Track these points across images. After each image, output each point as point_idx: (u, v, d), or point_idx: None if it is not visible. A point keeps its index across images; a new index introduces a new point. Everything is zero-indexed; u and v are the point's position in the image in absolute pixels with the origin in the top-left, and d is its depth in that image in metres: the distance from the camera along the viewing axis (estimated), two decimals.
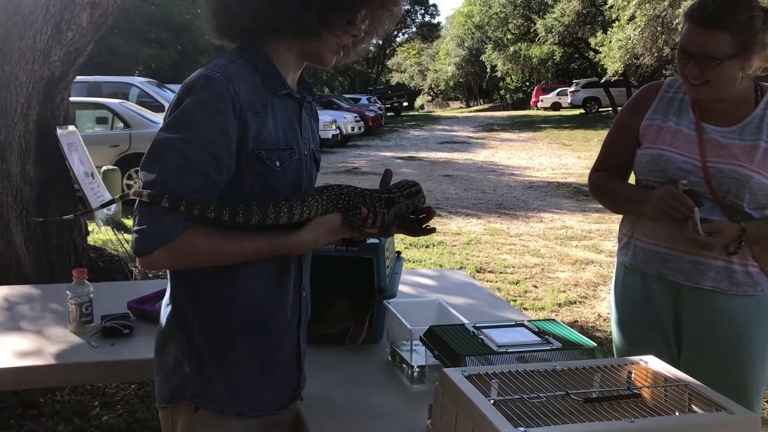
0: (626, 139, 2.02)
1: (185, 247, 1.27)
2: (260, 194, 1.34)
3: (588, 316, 5.01)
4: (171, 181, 1.25)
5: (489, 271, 6.17)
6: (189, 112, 1.27)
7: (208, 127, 1.27)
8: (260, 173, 1.34)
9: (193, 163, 1.26)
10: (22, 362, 1.96)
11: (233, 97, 1.29)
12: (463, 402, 1.24)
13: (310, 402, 1.67)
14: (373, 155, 17.60)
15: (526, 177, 12.95)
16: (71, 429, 3.18)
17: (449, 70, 47.88)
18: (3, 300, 2.49)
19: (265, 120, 1.35)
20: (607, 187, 2.07)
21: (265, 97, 1.36)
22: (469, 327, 1.61)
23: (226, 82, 1.29)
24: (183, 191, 1.25)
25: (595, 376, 1.37)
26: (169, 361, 1.40)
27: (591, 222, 8.49)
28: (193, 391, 1.38)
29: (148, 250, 1.25)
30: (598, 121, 26.67)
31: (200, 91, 1.28)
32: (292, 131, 1.42)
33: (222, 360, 1.38)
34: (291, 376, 1.51)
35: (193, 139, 1.26)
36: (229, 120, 1.28)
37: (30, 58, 3.73)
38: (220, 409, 1.38)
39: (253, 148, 1.32)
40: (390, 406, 1.67)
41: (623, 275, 2.05)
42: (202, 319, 1.38)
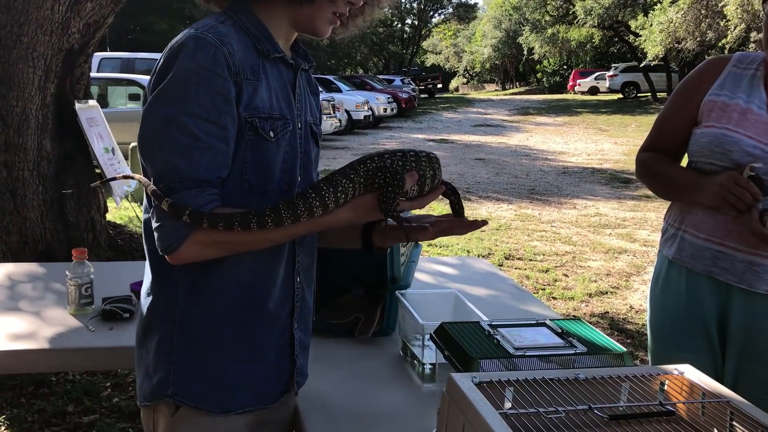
0: (683, 116, 1.82)
1: (211, 234, 1.15)
2: (253, 168, 1.22)
3: (619, 307, 4.82)
4: (181, 164, 1.13)
5: (518, 258, 5.99)
6: (183, 80, 1.14)
7: (208, 95, 1.14)
8: (253, 143, 1.21)
9: (200, 138, 1.14)
10: (16, 345, 1.88)
11: (227, 58, 1.16)
12: (471, 413, 1.09)
13: (310, 399, 1.54)
14: (404, 137, 17.43)
15: (561, 162, 12.68)
16: (81, 410, 3.12)
17: (485, 52, 47.23)
18: (5, 278, 2.41)
19: (257, 86, 1.22)
20: (658, 169, 1.87)
21: (257, 61, 1.23)
22: (485, 325, 1.47)
23: (219, 42, 1.16)
24: (195, 173, 1.13)
25: (623, 386, 1.21)
26: (150, 356, 1.28)
27: (626, 210, 8.24)
28: (174, 388, 1.25)
29: (174, 247, 1.14)
30: (636, 107, 26.09)
31: (192, 55, 1.14)
32: (286, 101, 1.28)
33: (206, 353, 1.26)
34: (282, 367, 1.37)
35: (194, 111, 1.13)
36: (228, 84, 1.16)
37: (48, 30, 3.64)
38: (205, 406, 1.26)
39: (246, 115, 1.19)
40: (397, 407, 1.54)
41: (666, 270, 1.87)
42: (184, 309, 1.25)
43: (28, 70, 3.63)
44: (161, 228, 1.15)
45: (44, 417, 3.05)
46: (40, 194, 3.74)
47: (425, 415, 1.48)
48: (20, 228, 3.67)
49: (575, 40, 35.97)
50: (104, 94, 10.02)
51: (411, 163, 1.26)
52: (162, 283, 1.27)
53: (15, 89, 3.61)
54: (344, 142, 16.08)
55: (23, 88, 3.62)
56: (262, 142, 1.21)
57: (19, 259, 3.65)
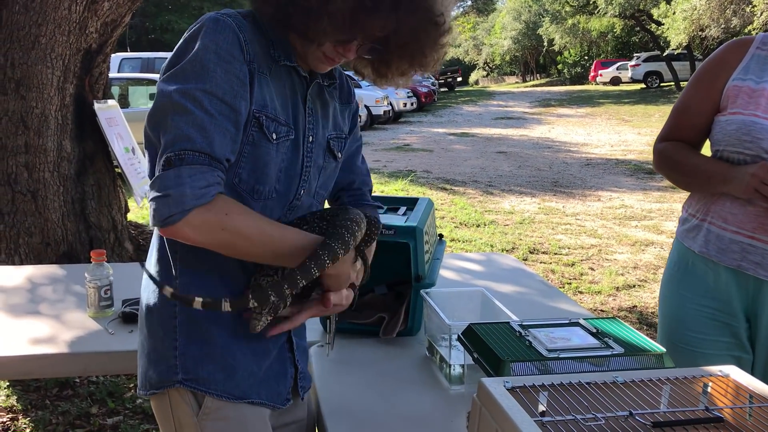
0: (704, 102, 1.73)
1: (217, 214, 1.09)
2: (248, 163, 1.18)
3: (648, 300, 4.72)
4: (195, 136, 1.08)
5: (543, 252, 5.90)
6: (201, 59, 1.11)
7: (226, 76, 1.12)
8: (254, 139, 1.17)
9: (215, 116, 1.10)
10: (37, 350, 1.85)
11: (243, 46, 1.15)
12: (504, 420, 1.03)
13: (333, 400, 1.50)
14: (425, 131, 17.34)
15: (584, 154, 12.52)
16: (104, 411, 3.10)
17: (505, 44, 46.92)
18: (26, 280, 2.39)
19: (269, 84, 1.19)
20: (680, 159, 1.77)
21: (270, 63, 1.21)
22: (515, 326, 1.40)
23: (237, 27, 1.15)
24: (209, 147, 1.09)
25: (664, 390, 1.14)
26: (154, 343, 1.25)
27: (652, 201, 8.10)
28: (183, 373, 1.21)
29: (174, 218, 1.06)
30: (659, 96, 25.74)
31: (212, 35, 1.12)
32: (294, 110, 1.25)
33: (209, 336, 1.22)
34: (286, 370, 1.33)
35: (212, 89, 1.10)
36: (245, 69, 1.14)
37: (65, 30, 3.63)
38: (216, 391, 1.22)
39: (255, 109, 1.16)
40: (424, 410, 1.48)
41: (689, 263, 1.77)
42: (183, 290, 1.21)
43: (47, 71, 3.61)
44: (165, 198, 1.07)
45: (68, 419, 3.04)
46: (60, 195, 3.73)
47: (453, 418, 1.43)
48: (42, 229, 3.66)
49: (596, 31, 35.60)
50: (125, 94, 10.06)
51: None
52: (162, 265, 1.24)
53: (34, 90, 3.60)
54: (364, 137, 15.96)
55: (42, 89, 3.61)
56: (263, 140, 1.18)
57: (42, 260, 3.64)
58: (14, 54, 3.57)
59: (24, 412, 3.10)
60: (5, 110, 3.57)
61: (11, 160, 3.59)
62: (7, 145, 3.58)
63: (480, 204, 7.97)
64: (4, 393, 3.27)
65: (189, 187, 1.06)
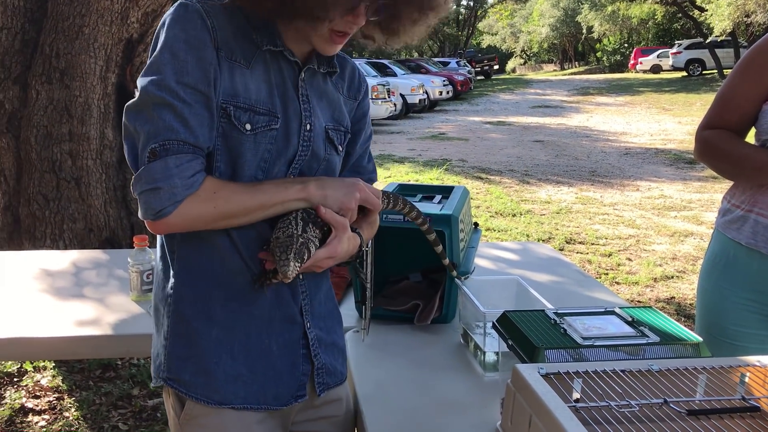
0: (752, 90, 1.68)
1: (207, 199, 1.12)
2: (223, 155, 1.17)
3: (686, 292, 4.66)
4: (177, 126, 1.09)
5: (579, 242, 5.85)
6: (171, 48, 1.11)
7: (198, 63, 1.12)
8: (224, 131, 1.16)
9: (192, 105, 1.11)
10: (82, 331, 1.90)
11: (210, 32, 1.14)
12: (538, 406, 1.04)
13: (368, 386, 1.52)
14: (460, 120, 17.25)
15: (623, 143, 12.35)
16: (145, 393, 3.18)
17: (543, 31, 46.33)
18: (71, 265, 2.46)
19: (245, 74, 1.17)
20: (725, 148, 1.73)
21: (253, 49, 1.19)
22: (550, 313, 1.41)
23: (205, 13, 1.14)
24: (192, 136, 1.10)
25: (700, 379, 1.14)
26: (155, 337, 1.28)
27: (692, 191, 7.96)
28: (168, 372, 1.23)
29: (167, 210, 1.09)
30: (701, 85, 25.20)
31: (180, 22, 1.13)
32: (282, 98, 1.22)
33: (197, 339, 1.21)
34: (294, 370, 1.29)
35: (184, 79, 1.10)
36: (215, 54, 1.14)
37: (108, 20, 3.69)
38: (194, 394, 1.22)
39: (222, 100, 1.15)
40: (458, 396, 1.49)
41: (730, 255, 1.75)
42: (177, 290, 1.23)
43: (90, 61, 3.69)
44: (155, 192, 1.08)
45: (111, 400, 3.12)
46: (103, 182, 3.81)
47: (488, 405, 1.43)
48: (85, 215, 3.75)
49: (636, 17, 34.97)
50: None
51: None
52: (164, 265, 1.26)
53: (78, 80, 3.68)
54: (399, 126, 16.01)
55: (86, 79, 3.69)
56: (234, 131, 1.16)
57: (85, 245, 3.73)
58: (59, 44, 3.65)
59: (69, 392, 3.20)
60: (50, 99, 3.66)
61: (56, 148, 3.68)
62: (52, 133, 3.67)
63: (516, 193, 7.93)
64: (50, 373, 3.37)
65: (178, 178, 1.09)
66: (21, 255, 2.63)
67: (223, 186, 1.14)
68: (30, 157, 3.70)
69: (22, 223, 3.77)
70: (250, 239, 1.22)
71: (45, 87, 3.66)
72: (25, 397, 3.16)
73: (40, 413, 3.03)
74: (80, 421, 2.95)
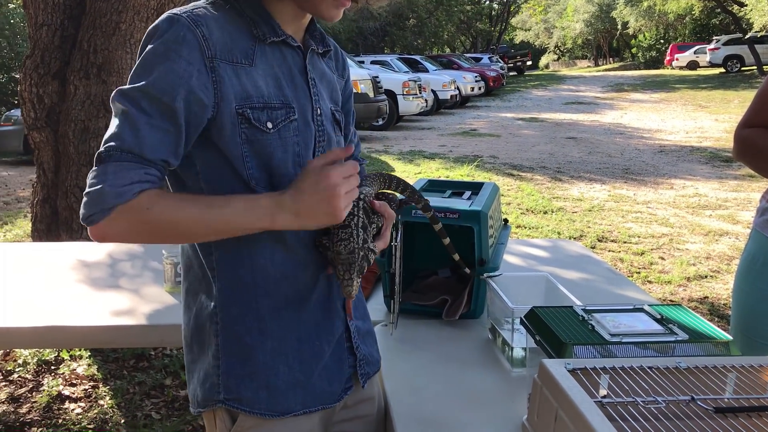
0: None
1: (138, 212, 1.05)
2: (254, 161, 1.14)
3: (720, 292, 4.59)
4: (126, 136, 1.05)
5: (611, 240, 5.80)
6: (147, 59, 1.09)
7: (164, 74, 1.07)
8: (248, 137, 1.13)
9: (151, 116, 1.07)
10: (117, 321, 1.95)
11: (201, 42, 1.09)
12: (564, 401, 1.05)
13: (396, 381, 1.53)
14: (492, 116, 17.17)
15: (657, 140, 12.18)
16: (177, 384, 3.24)
17: (577, 27, 45.85)
18: (107, 256, 2.52)
19: (251, 72, 1.15)
20: (764, 146, 1.69)
21: (252, 45, 1.16)
22: (579, 310, 1.41)
23: (192, 23, 1.09)
24: (138, 147, 1.05)
25: (729, 378, 1.14)
26: (200, 360, 1.23)
27: (727, 190, 7.83)
28: (226, 393, 1.19)
29: (95, 218, 1.04)
30: (740, 81, 24.72)
31: (161, 36, 1.09)
32: (291, 86, 1.20)
33: (252, 354, 1.19)
34: (342, 362, 1.30)
35: (148, 89, 1.07)
36: (192, 68, 1.08)
37: (144, 16, 3.76)
38: (258, 410, 1.20)
39: (237, 106, 1.12)
40: (485, 391, 1.50)
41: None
42: (224, 310, 1.19)
43: (126, 56, 3.76)
44: (89, 195, 1.04)
45: (144, 389, 3.19)
46: None
47: (515, 401, 1.44)
48: None
49: (673, 13, 34.40)
50: None
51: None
52: (201, 284, 1.22)
53: (114, 75, 3.75)
54: (430, 122, 15.99)
55: (122, 74, 3.76)
56: (258, 134, 1.13)
57: None
58: (96, 40, 3.72)
59: (104, 381, 3.27)
60: (88, 94, 3.74)
61: (93, 142, 3.76)
62: (89, 127, 3.75)
63: (548, 190, 7.87)
64: (86, 362, 3.45)
65: (109, 185, 1.04)
66: (58, 246, 2.70)
67: (163, 199, 1.07)
68: (68, 151, 3.78)
69: (59, 215, 3.86)
70: (298, 245, 1.20)
71: (83, 82, 3.74)
72: (62, 384, 3.24)
73: (76, 401, 3.10)
74: (114, 409, 3.02)
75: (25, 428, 2.87)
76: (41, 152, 3.87)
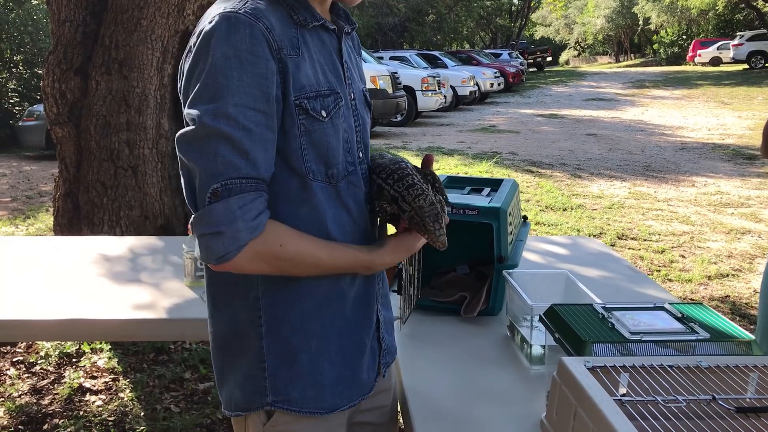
0: None
1: (272, 246, 1.06)
2: (312, 154, 1.12)
3: (742, 291, 4.54)
4: (238, 161, 1.02)
5: (632, 238, 5.75)
6: (222, 67, 1.02)
7: (252, 80, 1.03)
8: (306, 128, 1.10)
9: (252, 131, 1.03)
10: (138, 315, 1.97)
11: (266, 35, 1.05)
12: (583, 399, 1.04)
13: (414, 377, 1.53)
14: (512, 113, 17.09)
15: (679, 137, 12.05)
16: (197, 377, 3.26)
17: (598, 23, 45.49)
18: (128, 250, 2.54)
19: (299, 62, 1.10)
20: None
21: (295, 33, 1.11)
22: (598, 308, 1.40)
23: (254, 18, 1.04)
24: (254, 169, 1.03)
25: (751, 377, 1.12)
26: (239, 364, 1.20)
27: (750, 188, 7.73)
28: (273, 395, 1.18)
29: (231, 255, 1.03)
30: (764, 78, 24.39)
31: (226, 39, 1.02)
32: (333, 72, 1.18)
33: (299, 354, 1.18)
34: (375, 354, 1.30)
35: (242, 101, 1.02)
36: (270, 65, 1.05)
37: (165, 12, 3.78)
38: (307, 409, 1.19)
39: (295, 97, 1.08)
40: (503, 389, 1.50)
41: None
42: (268, 312, 1.17)
43: (147, 52, 3.78)
44: (218, 236, 1.03)
45: (164, 382, 3.21)
46: (158, 171, 3.92)
47: (533, 398, 1.44)
48: (141, 203, 3.85)
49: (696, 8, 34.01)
50: None
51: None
52: (240, 288, 1.18)
53: (135, 71, 3.78)
54: (449, 118, 15.95)
55: (143, 70, 3.79)
56: (315, 124, 1.11)
57: (141, 232, 3.84)
58: (118, 36, 3.75)
59: (124, 374, 3.31)
60: (109, 90, 3.77)
61: (114, 137, 3.79)
62: (110, 122, 3.78)
63: (567, 187, 7.83)
64: (106, 355, 3.49)
65: (242, 221, 1.02)
66: (80, 240, 2.72)
67: (289, 236, 1.09)
68: (89, 146, 3.82)
69: (81, 209, 3.90)
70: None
71: (104, 78, 3.78)
72: (83, 377, 3.28)
73: (97, 393, 3.14)
74: (134, 402, 3.05)
75: (47, 419, 2.91)
76: (63, 147, 3.92)
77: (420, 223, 1.16)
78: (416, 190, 1.17)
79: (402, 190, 1.18)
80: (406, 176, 1.19)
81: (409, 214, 1.17)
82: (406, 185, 1.18)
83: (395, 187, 1.19)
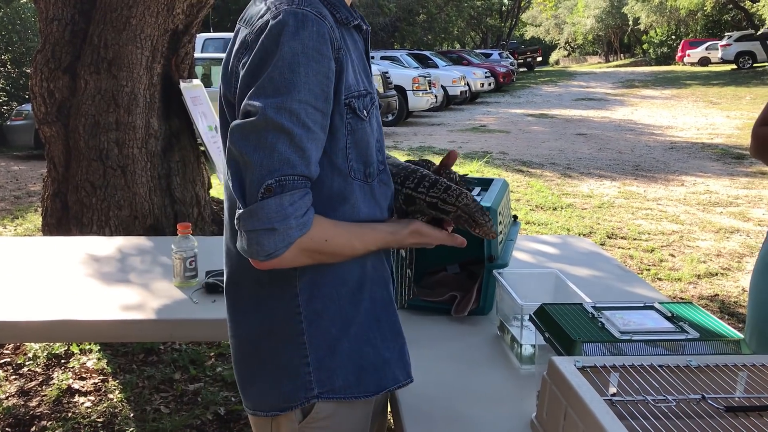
0: None
1: (318, 242, 1.08)
2: (354, 153, 1.13)
3: (730, 289, 4.56)
4: (294, 158, 1.02)
5: (621, 237, 5.77)
6: (290, 63, 1.01)
7: (316, 78, 1.03)
8: (352, 127, 1.11)
9: (310, 129, 1.03)
10: (126, 315, 1.96)
11: (330, 34, 1.05)
12: (573, 399, 1.04)
13: None
14: (502, 112, 17.12)
15: (668, 137, 12.11)
16: (186, 378, 3.25)
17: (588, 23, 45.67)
18: (117, 251, 2.53)
19: (347, 62, 1.11)
20: None
21: (340, 32, 1.11)
22: (588, 307, 1.40)
23: (320, 17, 1.04)
24: (308, 168, 1.04)
25: (740, 376, 1.13)
26: (270, 363, 1.18)
27: (738, 187, 7.78)
28: (319, 387, 1.17)
29: (279, 252, 1.04)
30: (752, 78, 24.53)
31: (295, 34, 1.02)
32: (365, 72, 1.18)
33: (340, 343, 1.18)
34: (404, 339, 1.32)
35: (305, 97, 1.02)
36: (332, 63, 1.06)
37: (154, 11, 3.77)
38: (352, 395, 1.19)
39: (345, 98, 1.09)
40: (494, 389, 1.50)
41: None
42: (307, 306, 1.16)
43: (137, 51, 3.77)
44: (270, 233, 1.03)
45: (153, 383, 3.20)
46: (148, 171, 3.90)
47: (523, 398, 1.43)
48: (130, 203, 3.84)
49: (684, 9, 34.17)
50: (208, 74, 10.33)
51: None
52: (275, 288, 1.17)
53: (125, 70, 3.76)
54: (440, 118, 15.96)
55: (132, 69, 3.77)
56: (359, 123, 1.12)
57: (130, 232, 3.82)
58: (107, 35, 3.73)
59: (113, 375, 3.29)
60: (98, 89, 3.75)
61: (103, 137, 3.77)
62: (99, 121, 3.76)
63: (557, 187, 7.85)
64: (95, 356, 3.46)
65: (293, 219, 1.03)
66: (69, 240, 2.71)
67: (332, 230, 1.11)
68: (78, 146, 3.80)
69: (70, 209, 3.88)
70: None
71: (93, 77, 3.76)
72: (71, 378, 3.26)
73: (86, 394, 3.12)
74: (124, 403, 3.03)
75: (35, 421, 2.89)
76: (52, 147, 3.89)
77: (470, 219, 1.21)
78: (455, 191, 1.21)
79: (440, 194, 1.21)
80: (437, 181, 1.23)
81: (455, 214, 1.21)
82: (443, 189, 1.21)
83: (431, 193, 1.22)
